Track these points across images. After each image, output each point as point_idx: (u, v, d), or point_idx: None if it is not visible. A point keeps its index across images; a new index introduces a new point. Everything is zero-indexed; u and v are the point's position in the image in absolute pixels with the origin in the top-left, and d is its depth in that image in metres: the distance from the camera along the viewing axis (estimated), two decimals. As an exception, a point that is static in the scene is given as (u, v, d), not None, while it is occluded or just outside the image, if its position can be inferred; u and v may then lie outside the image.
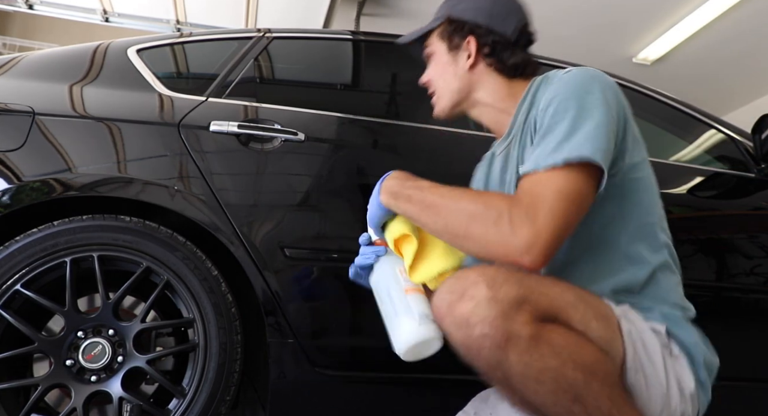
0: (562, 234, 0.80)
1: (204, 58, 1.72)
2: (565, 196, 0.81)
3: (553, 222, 0.79)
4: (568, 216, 0.81)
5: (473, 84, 1.10)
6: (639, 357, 0.82)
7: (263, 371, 1.40)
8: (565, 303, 0.79)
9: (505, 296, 0.75)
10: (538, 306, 0.76)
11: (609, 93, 0.91)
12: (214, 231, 1.34)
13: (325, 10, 3.90)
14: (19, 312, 1.22)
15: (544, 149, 0.86)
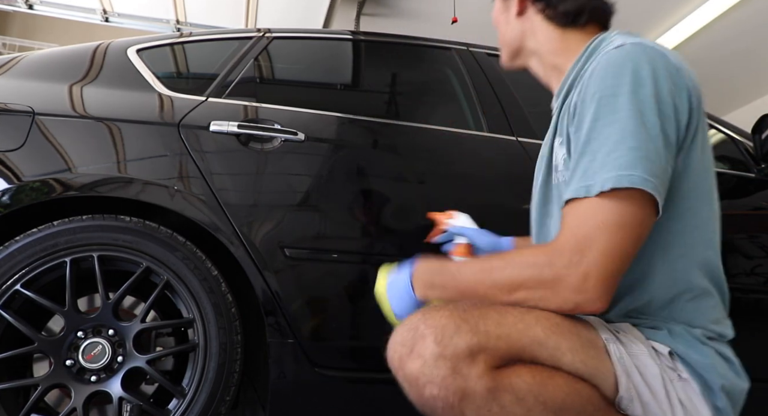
0: (616, 270, 0.73)
1: (204, 58, 1.72)
2: (612, 228, 0.72)
3: (601, 261, 0.72)
4: (619, 249, 0.72)
5: (525, 33, 1.00)
6: (634, 383, 0.75)
7: (263, 371, 1.40)
8: (529, 341, 0.73)
9: (455, 350, 0.69)
10: (497, 352, 0.71)
11: (667, 85, 0.77)
12: (214, 231, 1.34)
13: (325, 10, 3.90)
14: (19, 312, 1.22)
15: (581, 169, 0.77)
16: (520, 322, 0.74)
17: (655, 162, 0.73)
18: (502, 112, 1.69)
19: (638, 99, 0.75)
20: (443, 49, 1.85)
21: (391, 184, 1.54)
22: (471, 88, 1.75)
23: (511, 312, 0.76)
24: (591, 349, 0.75)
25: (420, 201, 1.53)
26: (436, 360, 0.69)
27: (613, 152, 0.74)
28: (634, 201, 0.73)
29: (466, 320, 0.72)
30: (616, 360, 0.75)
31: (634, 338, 0.79)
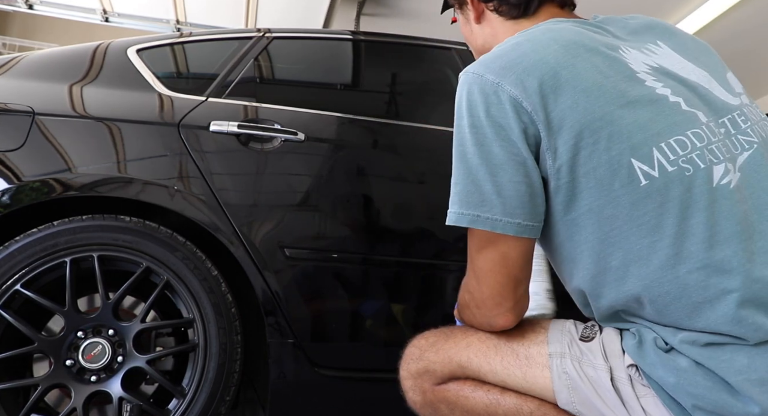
0: (505, 290, 0.78)
1: (204, 58, 1.71)
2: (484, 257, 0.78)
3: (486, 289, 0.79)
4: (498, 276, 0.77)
5: (488, 37, 0.97)
6: (581, 398, 0.76)
7: (263, 371, 1.40)
8: (455, 365, 0.85)
9: (408, 372, 0.90)
10: (435, 374, 0.87)
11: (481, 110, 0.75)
12: (214, 231, 1.34)
13: (325, 10, 3.90)
14: (19, 312, 1.22)
15: None
16: (454, 347, 0.86)
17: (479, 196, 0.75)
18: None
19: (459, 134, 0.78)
20: (443, 49, 1.85)
21: (391, 184, 1.54)
22: (471, 88, 1.74)
23: (453, 339, 0.88)
24: (517, 368, 0.81)
25: (420, 201, 1.53)
26: (402, 379, 0.91)
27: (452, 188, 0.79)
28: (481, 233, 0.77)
29: (419, 349, 0.90)
30: (555, 375, 0.78)
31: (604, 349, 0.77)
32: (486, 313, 0.81)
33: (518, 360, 0.81)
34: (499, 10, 0.93)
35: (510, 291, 0.78)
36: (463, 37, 1.06)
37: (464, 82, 0.79)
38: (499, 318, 0.80)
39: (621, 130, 0.71)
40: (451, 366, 0.85)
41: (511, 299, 0.79)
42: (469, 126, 0.76)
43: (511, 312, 0.80)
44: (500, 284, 0.78)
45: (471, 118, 0.76)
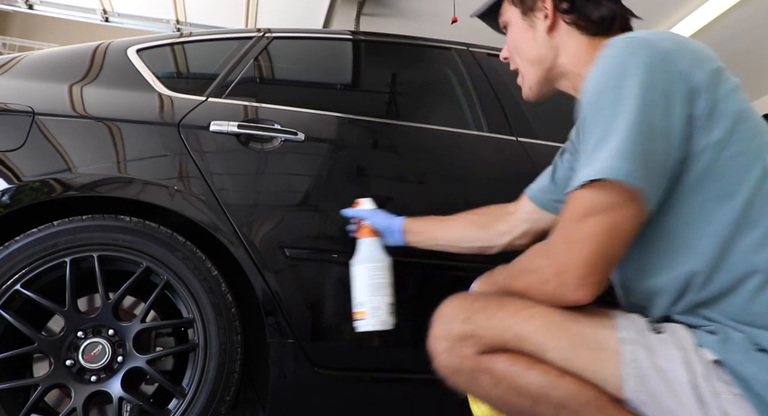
0: (595, 265, 0.75)
1: (204, 58, 1.71)
2: (592, 221, 0.74)
3: (579, 256, 0.75)
4: (599, 244, 0.74)
5: (556, 49, 0.95)
6: (649, 388, 0.74)
7: (263, 371, 1.40)
8: (512, 336, 0.80)
9: (449, 334, 0.84)
10: (482, 340, 0.81)
11: (653, 72, 0.75)
12: (214, 231, 1.34)
13: (325, 10, 3.90)
14: (19, 312, 1.22)
15: (581, 162, 0.78)
16: (513, 316, 0.81)
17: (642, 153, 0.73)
18: (502, 112, 1.69)
19: (619, 93, 0.75)
20: (443, 49, 1.85)
21: (391, 184, 1.54)
22: (471, 88, 1.74)
23: (510, 306, 0.82)
24: (585, 350, 0.77)
25: (420, 201, 1.53)
26: (436, 339, 0.85)
27: (597, 149, 0.75)
28: (613, 192, 0.73)
29: (465, 310, 0.84)
30: (626, 361, 0.75)
31: (677, 342, 0.76)
32: (565, 282, 0.76)
33: (587, 340, 0.77)
34: (577, 24, 0.94)
35: (601, 266, 0.75)
36: (513, 44, 1.02)
37: (630, 45, 0.78)
38: (579, 291, 0.75)
39: (759, 125, 0.78)
40: (506, 337, 0.80)
41: (599, 273, 0.75)
42: (640, 84, 0.74)
43: (593, 286, 0.75)
44: (596, 254, 0.74)
45: (642, 76, 0.75)
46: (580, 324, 0.79)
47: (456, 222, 1.29)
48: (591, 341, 0.78)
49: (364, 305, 1.24)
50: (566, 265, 0.76)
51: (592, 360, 0.77)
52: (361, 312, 1.24)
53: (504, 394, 0.80)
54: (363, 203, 1.34)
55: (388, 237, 1.31)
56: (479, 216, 1.28)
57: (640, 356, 0.75)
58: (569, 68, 0.96)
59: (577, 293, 0.76)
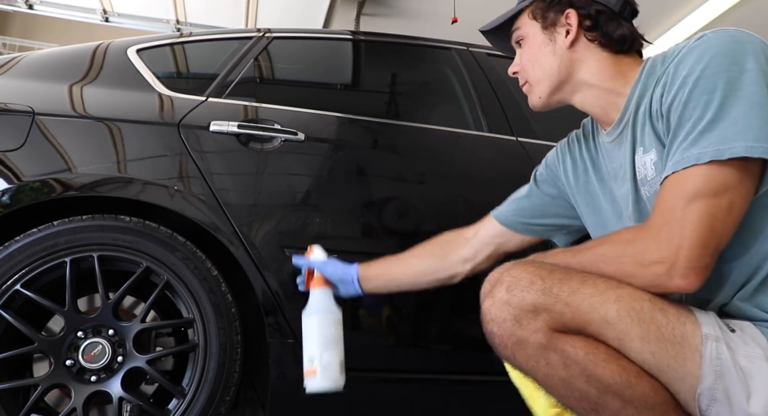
0: (707, 245, 0.73)
1: (204, 58, 1.71)
2: (706, 201, 0.73)
3: (691, 236, 0.72)
4: (712, 223, 0.72)
5: (575, 63, 0.98)
6: (727, 386, 0.72)
7: (263, 371, 1.40)
8: (597, 317, 0.76)
9: (520, 302, 0.77)
10: (560, 317, 0.77)
11: (762, 58, 0.76)
12: (214, 231, 1.34)
13: (325, 10, 3.91)
14: (19, 312, 1.22)
15: (680, 144, 0.77)
16: (598, 296, 0.77)
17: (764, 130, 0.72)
18: (502, 112, 1.69)
19: (731, 78, 0.75)
20: (443, 49, 1.85)
21: (391, 184, 1.54)
22: (471, 88, 1.74)
23: (595, 284, 0.78)
24: (670, 344, 0.75)
25: (420, 201, 1.53)
26: (503, 304, 0.79)
27: (710, 130, 0.74)
28: (733, 170, 0.73)
29: (543, 279, 0.78)
30: (707, 358, 0.73)
31: (753, 340, 0.75)
32: (675, 266, 0.73)
33: (674, 335, 0.75)
34: (599, 41, 0.96)
35: (714, 248, 0.73)
36: (528, 56, 1.04)
37: (728, 35, 0.79)
38: (689, 275, 0.73)
39: None
40: (589, 317, 0.76)
41: (711, 257, 0.73)
42: (755, 70, 0.75)
43: (703, 271, 0.73)
44: (711, 235, 0.72)
45: (755, 63, 0.75)
46: (668, 317, 0.76)
47: (412, 257, 1.25)
48: (678, 335, 0.75)
49: (314, 361, 1.16)
50: (679, 246, 0.73)
51: (675, 356, 0.74)
52: (311, 370, 1.16)
53: (572, 378, 0.76)
54: (314, 251, 1.28)
55: (342, 289, 1.26)
56: (435, 247, 1.25)
57: (723, 354, 0.74)
58: (591, 82, 0.98)
59: (687, 278, 0.74)
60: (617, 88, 0.95)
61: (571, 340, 0.77)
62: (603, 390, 0.75)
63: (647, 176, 0.88)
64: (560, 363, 0.76)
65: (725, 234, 0.74)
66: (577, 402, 0.77)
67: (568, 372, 0.76)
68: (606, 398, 0.75)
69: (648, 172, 0.88)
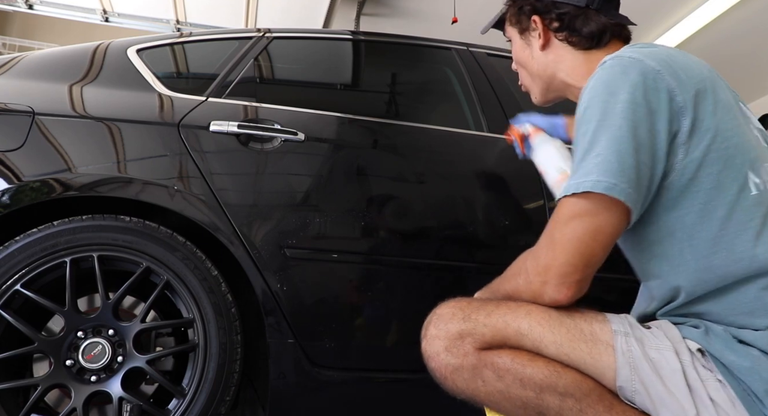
0: (575, 264, 0.79)
1: (204, 58, 1.71)
2: (573, 226, 0.79)
3: (559, 256, 0.79)
4: (579, 244, 0.78)
5: (551, 65, 1.01)
6: (641, 376, 0.77)
7: (263, 371, 1.40)
8: (512, 332, 0.82)
9: (446, 333, 0.84)
10: (482, 337, 0.83)
11: (640, 90, 0.79)
12: (214, 231, 1.34)
13: (325, 10, 3.90)
14: (18, 312, 1.22)
15: (571, 173, 0.83)
16: (511, 314, 0.84)
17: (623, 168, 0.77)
18: (502, 112, 1.69)
19: (607, 109, 0.80)
20: (443, 49, 1.85)
21: (391, 184, 1.54)
22: (471, 88, 1.75)
23: (507, 305, 0.85)
24: (583, 343, 0.81)
25: (420, 201, 1.53)
26: (433, 339, 0.86)
27: (583, 160, 0.80)
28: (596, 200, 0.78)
29: (462, 310, 0.86)
30: (620, 351, 0.79)
31: (664, 334, 0.81)
32: (547, 281, 0.81)
33: (583, 334, 0.81)
34: (569, 40, 0.99)
35: (583, 266, 0.79)
36: (516, 61, 1.09)
37: (620, 64, 0.82)
38: (561, 289, 0.80)
39: (744, 143, 0.81)
40: (506, 332, 0.83)
41: (581, 273, 0.79)
42: (626, 101, 0.79)
43: (574, 286, 0.80)
44: (579, 255, 0.78)
45: (628, 95, 0.79)
46: (575, 319, 0.83)
47: None
48: (587, 334, 0.81)
49: (563, 168, 1.21)
50: (549, 265, 0.80)
51: (590, 353, 0.80)
52: (563, 173, 1.21)
53: (508, 387, 0.81)
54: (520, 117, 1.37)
55: (552, 134, 1.31)
56: None
57: (633, 347, 0.79)
58: (569, 82, 1.01)
59: (559, 292, 0.80)
60: None
61: (497, 352, 0.83)
62: (539, 389, 0.80)
63: None
64: (494, 376, 0.82)
65: (594, 256, 0.80)
66: (524, 411, 0.82)
67: (503, 382, 0.81)
68: (544, 397, 0.79)
69: None
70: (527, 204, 1.57)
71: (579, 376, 0.80)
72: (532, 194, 1.56)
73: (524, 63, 1.06)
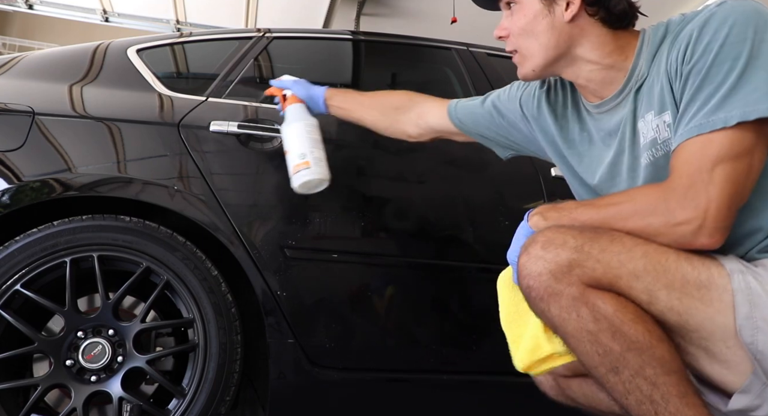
0: (731, 206, 0.77)
1: (204, 58, 1.72)
2: (731, 163, 0.76)
3: (718, 198, 0.76)
4: (736, 185, 0.77)
5: (573, 38, 0.96)
6: (764, 313, 0.76)
7: (263, 371, 1.40)
8: (626, 272, 0.80)
9: (554, 257, 0.81)
10: (592, 273, 0.80)
11: None
12: (214, 231, 1.34)
13: (325, 10, 3.91)
14: (19, 312, 1.22)
15: (700, 108, 0.79)
16: (626, 253, 0.80)
17: None
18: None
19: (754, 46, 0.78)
20: (443, 49, 1.85)
21: (392, 184, 1.54)
22: (471, 88, 1.74)
23: (623, 241, 0.82)
24: (696, 288, 0.79)
25: (420, 201, 1.53)
26: (538, 260, 0.82)
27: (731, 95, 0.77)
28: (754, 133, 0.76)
29: (575, 238, 0.82)
30: (738, 290, 0.77)
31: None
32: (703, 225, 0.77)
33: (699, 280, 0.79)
34: (600, 15, 0.95)
35: (735, 210, 0.78)
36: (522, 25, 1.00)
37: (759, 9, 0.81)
38: (716, 234, 0.78)
39: None
40: (619, 272, 0.80)
41: (732, 217, 0.78)
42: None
43: (727, 230, 0.78)
44: (736, 197, 0.77)
45: None
46: (692, 263, 0.80)
47: (371, 108, 1.38)
48: (704, 279, 0.79)
49: (306, 156, 1.25)
50: (706, 208, 0.77)
51: (702, 299, 0.78)
52: (304, 162, 1.24)
53: (599, 332, 0.79)
54: (285, 76, 1.42)
55: (311, 107, 1.38)
56: (389, 110, 1.37)
57: (752, 283, 0.77)
58: (589, 58, 0.96)
59: (713, 237, 0.78)
60: (617, 63, 0.95)
61: (602, 296, 0.80)
62: (626, 347, 0.78)
63: (658, 138, 0.89)
64: (590, 316, 0.79)
65: (746, 195, 0.79)
66: (600, 359, 0.80)
67: (597, 325, 0.79)
68: (628, 356, 0.78)
69: (661, 134, 0.89)
70: (527, 204, 1.57)
71: (670, 355, 0.78)
72: (532, 194, 1.56)
73: (537, 32, 0.98)
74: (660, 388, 0.77)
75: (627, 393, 0.79)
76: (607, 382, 0.81)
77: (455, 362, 1.47)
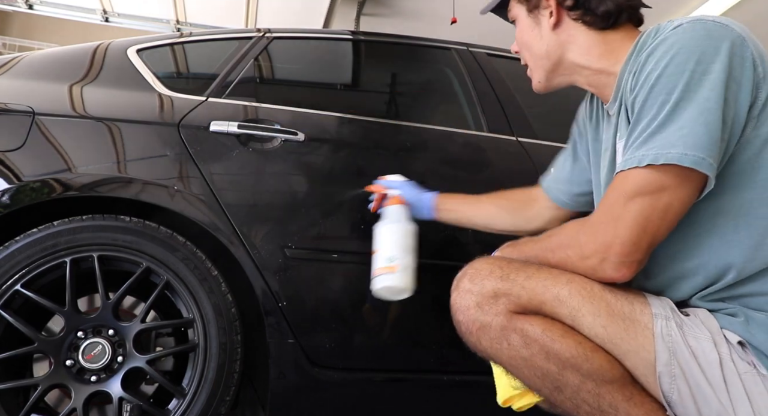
0: (638, 242, 0.76)
1: (204, 58, 1.71)
2: (642, 201, 0.75)
3: (623, 234, 0.76)
4: (647, 222, 0.75)
5: (563, 45, 0.95)
6: (680, 362, 0.76)
7: (263, 371, 1.40)
8: (551, 297, 0.81)
9: (481, 289, 0.83)
10: (518, 300, 0.81)
11: (733, 58, 0.74)
12: (214, 231, 1.34)
13: (325, 10, 3.91)
14: (19, 312, 1.22)
15: (632, 143, 0.78)
16: (551, 279, 0.82)
17: (712, 141, 0.72)
18: (502, 112, 1.69)
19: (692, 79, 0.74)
20: (443, 49, 1.85)
21: (391, 184, 1.54)
22: (471, 88, 1.74)
23: (548, 271, 0.84)
24: (620, 319, 0.79)
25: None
26: (466, 293, 0.84)
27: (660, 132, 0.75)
28: (672, 174, 0.74)
29: (501, 269, 0.84)
30: (659, 335, 0.77)
31: (703, 324, 0.78)
32: (607, 259, 0.78)
33: (623, 311, 0.79)
34: (583, 19, 0.93)
35: (646, 246, 0.77)
36: (520, 42, 1.03)
37: (704, 28, 0.76)
38: (621, 269, 0.77)
39: None
40: (544, 297, 0.81)
41: (643, 253, 0.77)
42: (717, 72, 0.73)
43: (635, 265, 0.78)
44: (643, 234, 0.76)
45: (720, 64, 0.74)
46: (616, 296, 0.81)
47: (487, 205, 1.30)
48: (627, 312, 0.79)
49: (394, 260, 1.18)
50: (611, 243, 0.77)
51: (627, 330, 0.78)
52: (391, 266, 1.17)
53: (532, 356, 0.80)
54: (392, 177, 1.36)
55: (416, 212, 1.32)
56: (507, 202, 1.29)
57: (674, 332, 0.77)
58: (581, 63, 0.95)
59: (619, 271, 0.78)
60: (608, 67, 0.92)
61: (529, 320, 0.81)
62: (562, 365, 0.78)
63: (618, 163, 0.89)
64: (521, 342, 0.81)
65: (659, 234, 0.77)
66: (541, 382, 0.81)
67: (528, 350, 0.80)
68: (566, 374, 0.78)
69: (619, 159, 0.87)
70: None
71: (607, 363, 0.78)
72: (532, 194, 1.56)
73: (530, 44, 0.99)
74: (605, 397, 0.78)
75: (577, 407, 0.80)
76: (555, 401, 0.82)
77: (455, 362, 1.47)
